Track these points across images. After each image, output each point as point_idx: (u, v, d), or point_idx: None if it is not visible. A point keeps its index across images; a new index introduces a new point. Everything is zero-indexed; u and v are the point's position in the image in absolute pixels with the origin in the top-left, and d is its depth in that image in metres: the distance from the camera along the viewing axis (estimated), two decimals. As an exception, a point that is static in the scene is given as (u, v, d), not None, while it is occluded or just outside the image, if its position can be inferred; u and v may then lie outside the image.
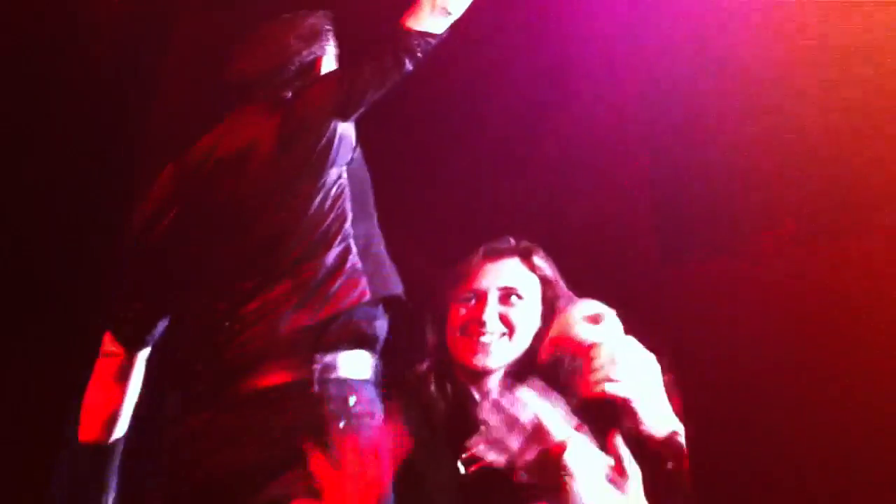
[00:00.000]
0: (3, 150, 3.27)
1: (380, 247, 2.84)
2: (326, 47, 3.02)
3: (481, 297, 3.05)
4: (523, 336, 3.03)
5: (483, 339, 3.01)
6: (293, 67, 2.95)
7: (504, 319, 3.03)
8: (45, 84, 3.25)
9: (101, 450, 2.88)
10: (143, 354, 2.94)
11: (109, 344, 2.92)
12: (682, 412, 2.59)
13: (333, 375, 2.66)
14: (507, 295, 3.05)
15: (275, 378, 2.64)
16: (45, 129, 3.26)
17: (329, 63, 3.01)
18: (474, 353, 3.01)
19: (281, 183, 2.80)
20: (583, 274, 3.07)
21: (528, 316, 3.03)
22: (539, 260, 3.07)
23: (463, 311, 3.06)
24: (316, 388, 2.63)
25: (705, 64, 2.73)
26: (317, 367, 2.65)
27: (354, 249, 2.76)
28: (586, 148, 3.11)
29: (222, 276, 2.80)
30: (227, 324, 2.74)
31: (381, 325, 2.78)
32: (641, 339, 2.91)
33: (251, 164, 2.83)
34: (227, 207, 2.84)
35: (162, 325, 2.93)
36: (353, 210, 2.80)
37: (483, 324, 3.02)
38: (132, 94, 3.30)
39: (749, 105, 2.66)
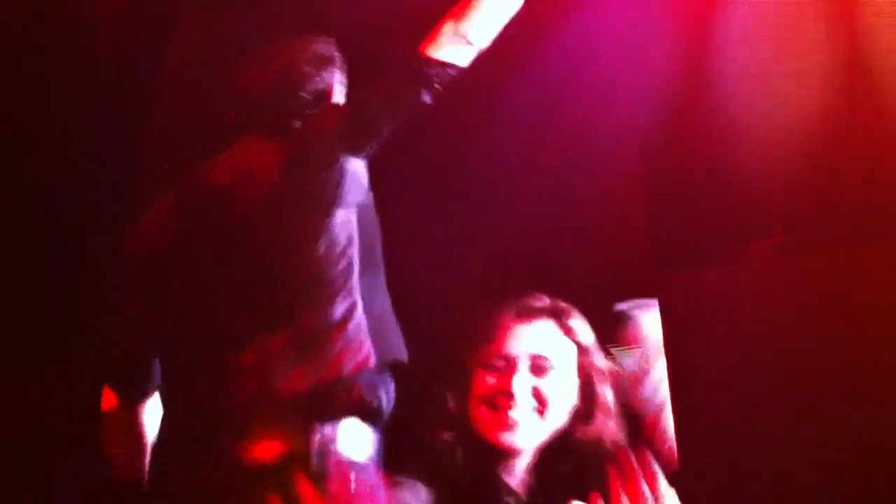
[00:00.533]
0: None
1: (386, 303, 2.65)
2: (336, 75, 2.82)
3: (510, 365, 2.74)
4: (557, 413, 2.74)
5: (512, 413, 2.70)
6: (305, 94, 2.76)
7: (536, 393, 2.73)
8: (43, 84, 3.22)
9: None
10: (151, 405, 2.71)
11: (109, 399, 2.72)
12: (675, 418, 2.60)
13: (333, 449, 2.46)
14: (539, 364, 2.75)
15: (271, 449, 2.44)
16: (42, 130, 3.22)
17: (339, 92, 2.82)
18: (501, 429, 2.70)
19: (283, 215, 2.60)
20: (577, 282, 3.05)
21: (562, 389, 2.74)
22: (576, 323, 2.80)
23: (490, 379, 2.74)
24: (315, 461, 2.44)
25: (699, 73, 2.74)
26: (315, 438, 2.45)
27: (360, 306, 2.56)
28: (580, 156, 3.11)
29: (217, 318, 2.60)
30: (218, 373, 2.54)
31: (388, 395, 2.57)
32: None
33: (252, 191, 2.65)
34: (226, 240, 2.65)
35: (159, 370, 2.70)
36: (361, 261, 2.60)
37: (512, 396, 2.71)
38: (132, 94, 3.26)
39: (742, 115, 2.68)
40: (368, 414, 2.52)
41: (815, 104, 2.60)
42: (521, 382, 2.72)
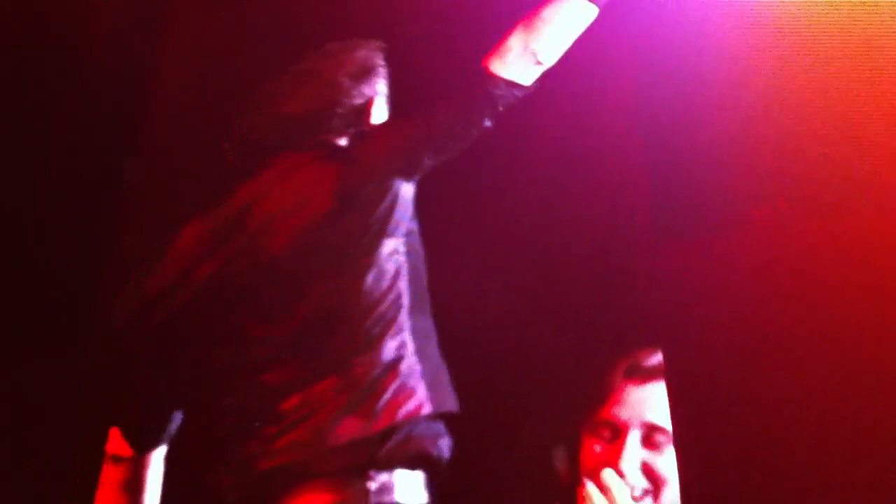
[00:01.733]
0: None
1: (434, 343, 2.42)
2: (378, 87, 2.61)
3: (619, 434, 2.49)
4: (673, 498, 2.45)
5: (620, 499, 2.42)
6: (341, 110, 2.55)
7: (648, 471, 2.49)
8: (39, 79, 3.18)
9: None
10: (158, 454, 2.54)
11: (116, 444, 2.52)
12: (673, 388, 2.59)
13: (388, 499, 2.25)
14: (652, 435, 2.49)
15: (322, 500, 2.24)
16: (37, 125, 3.18)
17: (380, 105, 2.61)
18: None
19: (335, 249, 2.39)
20: (577, 253, 3.05)
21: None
22: None
23: (597, 448, 2.51)
24: None
25: (701, 44, 2.72)
26: (372, 486, 2.25)
27: (411, 346, 2.36)
28: (582, 128, 3.10)
29: (256, 363, 2.38)
30: (259, 425, 2.34)
31: (446, 444, 2.35)
32: (636, 318, 2.91)
33: (302, 223, 2.41)
34: (268, 275, 2.42)
35: (178, 418, 2.53)
36: (410, 295, 2.40)
37: (621, 475, 2.47)
38: (128, 89, 3.21)
39: (743, 84, 2.66)
40: (426, 462, 2.33)
41: (817, 73, 2.59)
42: (631, 458, 2.48)
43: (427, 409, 2.31)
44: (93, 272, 3.14)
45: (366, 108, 2.57)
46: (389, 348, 2.33)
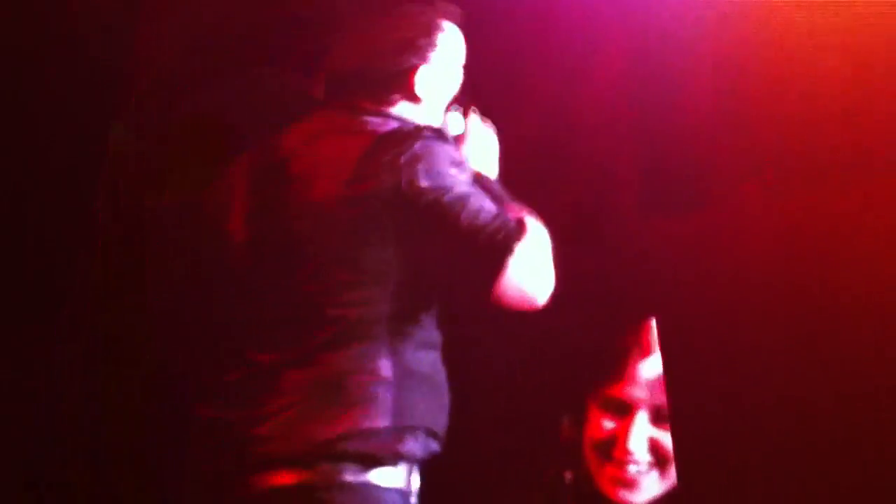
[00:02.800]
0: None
1: (431, 357, 2.38)
2: (429, 55, 2.51)
3: (629, 412, 2.54)
4: None
5: (630, 469, 2.51)
6: (381, 74, 2.47)
7: (655, 447, 2.54)
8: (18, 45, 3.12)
9: None
10: None
11: None
12: (664, 363, 2.60)
13: (358, 479, 2.24)
14: (661, 414, 2.53)
15: (287, 478, 2.25)
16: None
17: (427, 75, 2.50)
18: (617, 485, 2.52)
19: (338, 230, 2.33)
20: (564, 226, 3.04)
21: None
22: None
23: (606, 423, 2.54)
24: (336, 496, 2.23)
25: (689, 19, 2.72)
26: (338, 468, 2.24)
27: (389, 357, 2.31)
28: (568, 101, 3.09)
29: (244, 337, 2.38)
30: (234, 405, 2.33)
31: (417, 447, 2.31)
32: (623, 291, 2.92)
33: (320, 191, 2.36)
34: (285, 235, 2.38)
35: None
36: (398, 304, 2.33)
37: (629, 452, 2.53)
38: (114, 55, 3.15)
39: (730, 55, 2.66)
40: (396, 460, 2.29)
41: (804, 44, 2.58)
42: (639, 436, 2.52)
43: (385, 423, 2.26)
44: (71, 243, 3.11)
45: (408, 74, 2.49)
46: (362, 353, 2.29)
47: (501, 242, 2.27)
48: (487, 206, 2.33)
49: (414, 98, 2.52)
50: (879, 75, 2.51)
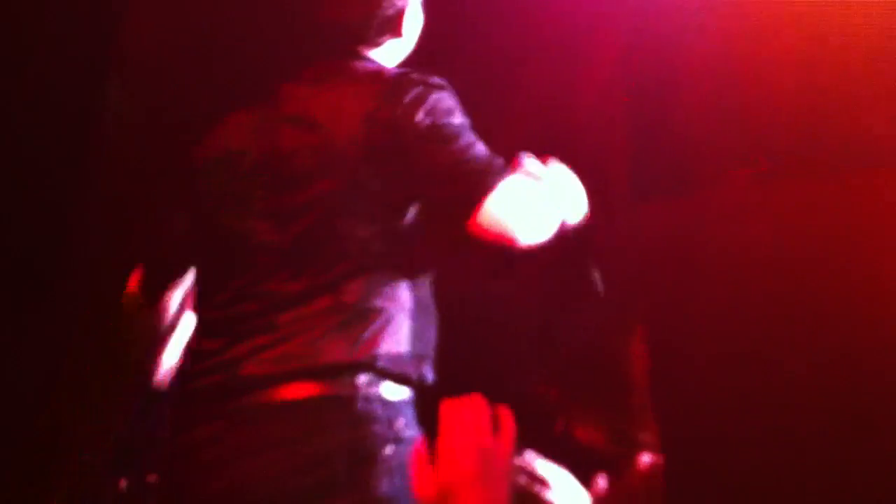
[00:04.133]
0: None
1: (428, 317, 2.48)
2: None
3: None
4: None
5: None
6: (376, 21, 2.58)
7: None
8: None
9: None
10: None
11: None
12: (651, 345, 2.61)
13: (376, 393, 2.35)
14: None
15: (304, 390, 2.35)
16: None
17: (412, 14, 2.64)
18: None
19: (349, 169, 2.41)
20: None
21: None
22: None
23: None
24: (360, 405, 2.34)
25: (681, 5, 2.73)
26: (360, 382, 2.35)
27: (407, 287, 2.43)
28: (562, 84, 3.09)
29: (261, 268, 2.45)
30: (253, 332, 2.41)
31: (428, 371, 2.43)
32: (614, 275, 2.92)
33: (327, 136, 2.44)
34: (294, 176, 2.46)
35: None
36: (408, 259, 2.45)
37: None
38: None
39: (725, 43, 2.67)
40: (407, 384, 2.40)
41: (799, 33, 2.60)
42: None
43: (406, 349, 2.40)
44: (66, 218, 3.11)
45: (398, 17, 2.62)
46: (380, 287, 2.41)
47: (485, 175, 2.38)
48: (481, 146, 2.44)
49: (399, 35, 2.66)
50: (872, 65, 2.53)
